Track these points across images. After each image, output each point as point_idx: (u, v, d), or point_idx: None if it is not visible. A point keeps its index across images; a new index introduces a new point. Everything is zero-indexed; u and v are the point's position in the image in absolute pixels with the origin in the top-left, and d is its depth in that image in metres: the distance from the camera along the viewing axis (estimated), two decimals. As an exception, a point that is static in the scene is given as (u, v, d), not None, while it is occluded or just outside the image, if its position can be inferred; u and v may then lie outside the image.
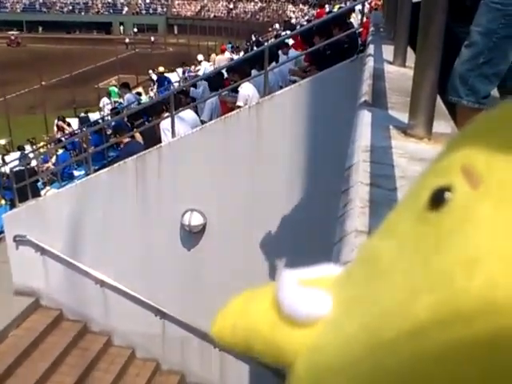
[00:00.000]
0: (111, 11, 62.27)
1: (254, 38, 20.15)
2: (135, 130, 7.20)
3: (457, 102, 2.25)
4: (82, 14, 61.89)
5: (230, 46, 19.76)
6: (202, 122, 7.03)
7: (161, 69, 17.08)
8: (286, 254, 5.58)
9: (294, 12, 54.66)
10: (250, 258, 5.66)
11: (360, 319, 0.23)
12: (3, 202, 9.74)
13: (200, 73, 15.18)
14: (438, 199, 0.22)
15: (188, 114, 6.63)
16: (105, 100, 15.07)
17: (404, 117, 1.32)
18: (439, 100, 1.47)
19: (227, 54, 16.07)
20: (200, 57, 18.11)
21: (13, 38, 47.62)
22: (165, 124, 6.08)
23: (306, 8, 53.75)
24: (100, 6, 63.05)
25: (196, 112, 7.33)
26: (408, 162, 1.05)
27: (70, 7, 62.55)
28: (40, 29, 57.93)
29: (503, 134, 0.21)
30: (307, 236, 5.34)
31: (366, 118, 1.33)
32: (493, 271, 0.19)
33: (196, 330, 6.11)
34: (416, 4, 1.90)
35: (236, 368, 6.17)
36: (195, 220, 5.72)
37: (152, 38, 46.12)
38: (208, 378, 6.31)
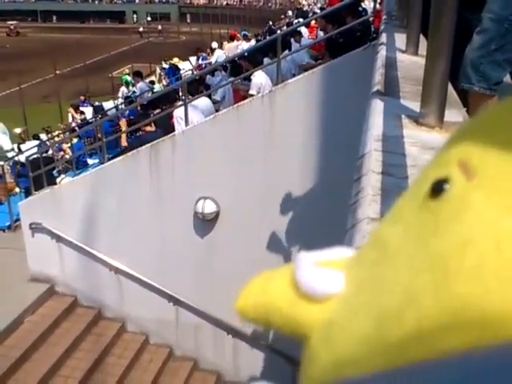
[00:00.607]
0: (124, 0, 62.24)
1: (269, 25, 20.03)
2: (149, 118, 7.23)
3: (469, 89, 2.25)
4: (96, 3, 61.91)
5: (244, 32, 19.62)
6: (214, 102, 7.08)
7: (175, 59, 17.02)
8: (299, 242, 5.61)
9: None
10: (263, 246, 5.69)
11: (368, 297, 0.27)
12: (18, 190, 9.85)
13: (213, 60, 15.13)
14: (437, 189, 0.25)
15: (203, 101, 6.66)
16: (124, 90, 15.08)
17: (416, 106, 1.33)
18: (451, 88, 1.47)
19: (238, 42, 16.02)
20: (214, 44, 18.06)
21: (12, 27, 47.18)
22: (178, 112, 6.10)
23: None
24: (113, -6, 63.02)
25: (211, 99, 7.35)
26: (419, 151, 1.07)
27: (84, -4, 62.60)
28: (54, 18, 58.09)
29: (495, 132, 0.24)
30: (320, 224, 5.35)
31: (378, 107, 1.34)
32: (483, 252, 0.22)
33: (209, 317, 6.18)
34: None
35: (249, 354, 6.23)
36: (208, 208, 5.76)
37: (159, 27, 45.84)
38: (221, 365, 6.38)
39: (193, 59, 17.98)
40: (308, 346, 0.30)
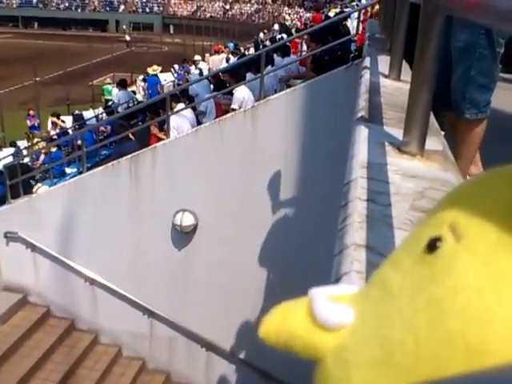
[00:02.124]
0: (107, 9, 62.08)
1: (257, 38, 20.13)
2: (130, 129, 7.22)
3: (460, 118, 2.33)
4: (79, 10, 61.56)
5: (232, 44, 19.67)
6: (198, 113, 7.14)
7: (154, 67, 16.90)
8: (276, 257, 5.63)
9: (289, 14, 54.74)
10: (240, 260, 5.70)
11: (375, 328, 0.33)
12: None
13: (196, 72, 15.17)
14: (432, 246, 0.32)
15: (187, 111, 6.73)
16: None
17: (398, 133, 1.37)
18: (432, 116, 1.53)
19: (223, 55, 16.09)
20: (197, 57, 18.11)
21: None
22: (173, 122, 6.11)
23: (301, 11, 53.89)
24: (97, 3, 62.79)
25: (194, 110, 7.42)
26: (401, 179, 1.11)
27: (67, 4, 62.18)
28: (35, 24, 57.58)
29: (480, 201, 0.31)
30: (298, 238, 5.40)
31: (362, 133, 1.38)
32: (468, 298, 0.28)
33: (183, 330, 6.14)
34: (412, 17, 1.96)
35: (222, 368, 6.21)
36: (187, 220, 5.76)
37: (127, 37, 45.34)
38: (193, 378, 6.34)
39: (176, 67, 18.00)
40: (322, 368, 0.36)
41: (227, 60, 15.56)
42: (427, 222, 0.34)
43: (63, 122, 13.48)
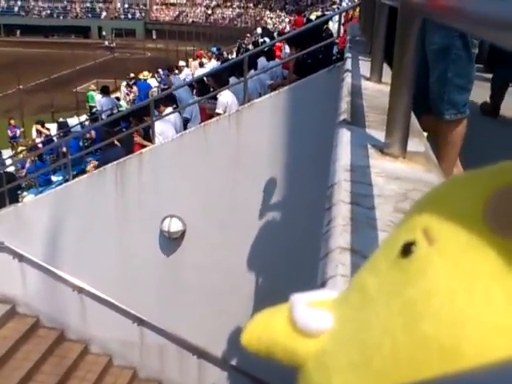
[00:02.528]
0: (90, 15, 61.83)
1: (240, 43, 20.17)
2: (114, 136, 7.19)
3: (440, 119, 2.36)
4: (61, 18, 61.26)
5: (215, 49, 19.66)
6: (185, 120, 7.14)
7: (145, 74, 16.80)
8: (264, 262, 5.64)
9: (271, 18, 54.93)
10: (228, 266, 5.70)
11: (354, 332, 0.34)
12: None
13: (182, 78, 15.14)
14: (406, 250, 0.32)
15: (173, 116, 6.73)
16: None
17: (380, 135, 1.39)
18: (413, 117, 1.55)
19: (207, 61, 16.08)
20: (181, 63, 18.08)
21: None
22: (158, 128, 6.09)
23: (283, 14, 54.11)
24: (78, 10, 62.55)
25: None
26: (384, 181, 1.12)
27: (49, 11, 61.92)
28: (18, 32, 57.15)
29: (450, 205, 0.32)
30: (285, 242, 5.41)
31: (345, 136, 1.39)
32: (441, 301, 0.29)
33: (174, 338, 6.12)
34: (391, 19, 1.98)
35: (214, 375, 6.19)
36: (174, 226, 5.74)
37: (114, 44, 45.25)
38: (186, 386, 6.31)
39: (161, 72, 17.95)
40: (304, 373, 0.37)
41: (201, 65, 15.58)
42: (402, 226, 0.35)
43: (48, 129, 13.39)
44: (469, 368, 0.26)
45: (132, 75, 20.31)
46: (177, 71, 16.68)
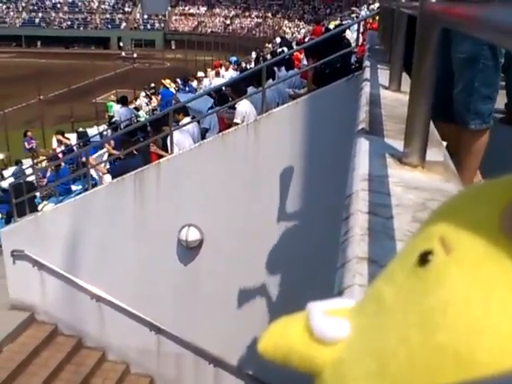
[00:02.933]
0: (109, 26, 62.71)
1: (254, 54, 20.26)
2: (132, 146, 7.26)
3: (464, 128, 2.34)
4: (81, 29, 62.26)
5: (234, 59, 19.74)
6: (204, 130, 7.20)
7: (168, 82, 16.79)
8: (281, 271, 5.62)
9: (289, 28, 55.14)
10: (246, 275, 5.69)
11: (370, 341, 0.34)
12: (-1, 216, 9.75)
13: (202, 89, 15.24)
14: (423, 259, 0.32)
15: (193, 126, 6.79)
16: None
17: (399, 144, 1.38)
18: (432, 126, 1.53)
19: (224, 70, 16.16)
20: (200, 73, 18.18)
21: None
22: (176, 137, 6.15)
23: (301, 24, 54.29)
24: (98, 21, 63.51)
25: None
26: (403, 191, 1.11)
27: (69, 22, 62.97)
28: (39, 43, 58.22)
29: (468, 215, 0.32)
30: (303, 252, 5.39)
31: (363, 146, 1.39)
32: (458, 311, 0.29)
33: (191, 346, 6.12)
34: (410, 28, 1.98)
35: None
36: (192, 235, 5.76)
37: (135, 55, 45.91)
38: (202, 395, 6.30)
39: (179, 82, 18.07)
40: (320, 382, 0.37)
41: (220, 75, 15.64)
42: (419, 235, 0.35)
43: (68, 139, 13.56)
44: (484, 376, 0.26)
45: (152, 85, 20.53)
46: (195, 82, 16.80)
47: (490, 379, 0.25)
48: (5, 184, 9.36)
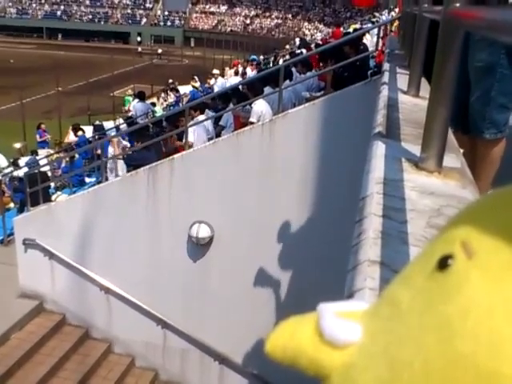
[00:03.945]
0: (130, 22, 63.08)
1: (278, 53, 20.22)
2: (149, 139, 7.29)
3: (479, 138, 2.31)
4: (102, 23, 62.71)
5: (253, 57, 19.72)
6: (220, 128, 7.26)
7: (196, 80, 16.81)
8: (292, 271, 5.61)
9: (309, 30, 55.04)
10: (255, 274, 5.69)
11: (383, 346, 0.33)
12: (12, 204, 9.84)
13: (215, 86, 15.25)
14: (443, 264, 0.31)
15: (208, 123, 6.87)
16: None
17: (416, 149, 1.37)
18: (450, 133, 1.52)
19: (245, 69, 16.14)
20: (215, 71, 18.19)
21: None
22: (194, 128, 6.30)
23: (321, 26, 54.18)
24: (119, 16, 63.90)
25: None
26: (418, 196, 1.10)
27: (90, 16, 63.48)
28: (60, 36, 58.75)
29: (492, 219, 0.31)
30: (315, 253, 5.37)
31: (379, 149, 1.38)
32: (479, 319, 0.28)
33: (197, 342, 6.13)
34: (431, 33, 1.96)
35: (234, 382, 6.17)
36: (203, 232, 5.77)
37: (159, 50, 46.41)
38: (206, 392, 6.31)
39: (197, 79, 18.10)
40: None
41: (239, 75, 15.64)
42: (439, 238, 0.34)
43: (83, 131, 13.65)
44: None
45: (170, 81, 20.60)
46: (213, 80, 16.82)
47: None
48: (20, 173, 9.43)
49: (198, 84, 16.62)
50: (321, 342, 0.37)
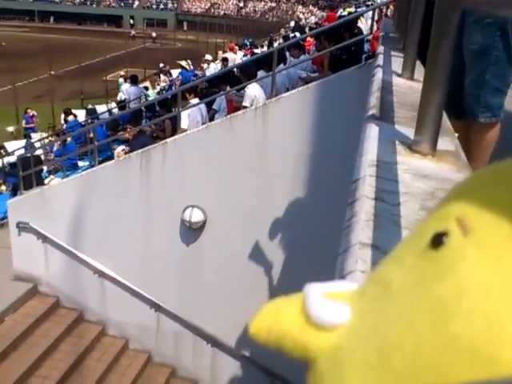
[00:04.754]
0: (122, 5, 62.31)
1: (272, 36, 20.07)
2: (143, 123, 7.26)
3: (474, 122, 2.29)
4: (94, 6, 61.92)
5: (248, 42, 19.57)
6: (213, 112, 7.22)
7: (183, 62, 16.66)
8: (285, 254, 5.63)
9: (303, 13, 54.58)
10: (248, 257, 5.70)
11: (372, 328, 0.31)
12: (4, 188, 9.80)
13: (207, 72, 15.16)
14: (437, 241, 0.29)
15: (201, 107, 6.84)
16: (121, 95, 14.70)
17: (410, 132, 1.36)
18: (445, 116, 1.51)
19: (239, 54, 16.04)
20: (208, 56, 18.04)
21: None
22: (188, 111, 6.24)
23: (315, 10, 53.75)
24: (111, -1, 63.12)
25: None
26: (412, 178, 1.10)
27: (82, -1, 62.67)
28: (52, 19, 58.00)
29: (490, 193, 0.29)
30: (306, 236, 5.39)
31: (373, 131, 1.37)
32: (475, 299, 0.26)
33: (190, 325, 6.16)
34: (426, 16, 1.94)
35: (227, 365, 6.23)
36: (196, 216, 5.77)
37: (153, 34, 46.07)
38: (199, 374, 6.37)
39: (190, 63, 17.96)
40: (315, 369, 0.34)
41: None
42: (432, 215, 0.32)
43: (75, 116, 13.53)
44: (505, 376, 0.23)
45: (162, 65, 20.42)
46: (206, 65, 16.69)
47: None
48: (11, 159, 9.38)
49: (184, 63, 16.43)
50: (307, 324, 0.35)
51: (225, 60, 14.86)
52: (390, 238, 0.86)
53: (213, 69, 15.44)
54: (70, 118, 13.10)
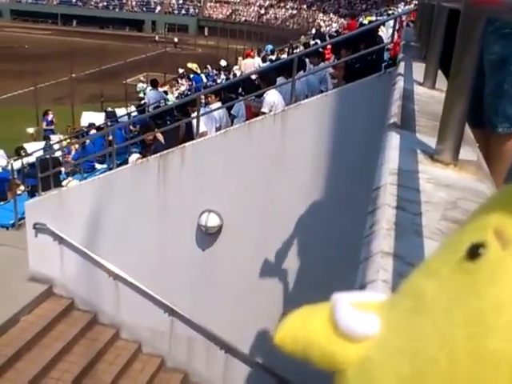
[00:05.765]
0: (144, 9, 63.01)
1: (292, 43, 20.10)
2: (158, 129, 7.30)
3: (492, 132, 2.27)
4: (116, 10, 62.71)
5: (269, 47, 19.61)
6: (232, 117, 7.24)
7: (195, 66, 16.78)
8: (303, 259, 5.60)
9: (324, 21, 54.63)
10: (264, 263, 5.68)
11: (405, 340, 0.30)
12: (23, 188, 9.90)
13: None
14: (474, 253, 0.28)
15: (221, 112, 6.88)
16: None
17: (431, 141, 1.34)
18: (466, 126, 1.49)
19: (257, 59, 16.08)
20: (223, 62, 18.06)
21: None
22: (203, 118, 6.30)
23: (336, 18, 53.77)
24: (134, 3, 63.83)
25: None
26: (433, 188, 1.08)
27: (105, 3, 63.47)
28: (74, 22, 58.85)
29: None
30: (322, 244, 5.36)
31: (394, 140, 1.35)
32: None
33: (203, 331, 6.15)
34: (450, 25, 1.92)
35: (240, 371, 6.20)
36: (212, 221, 5.77)
37: (175, 39, 46.49)
38: (211, 379, 6.35)
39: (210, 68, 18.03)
40: (343, 381, 0.33)
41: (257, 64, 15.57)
42: (468, 226, 0.31)
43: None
44: None
45: (181, 70, 20.55)
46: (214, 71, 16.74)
47: None
48: (30, 160, 9.48)
49: (195, 66, 16.47)
50: (335, 334, 0.34)
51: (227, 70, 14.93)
52: (412, 247, 0.84)
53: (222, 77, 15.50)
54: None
